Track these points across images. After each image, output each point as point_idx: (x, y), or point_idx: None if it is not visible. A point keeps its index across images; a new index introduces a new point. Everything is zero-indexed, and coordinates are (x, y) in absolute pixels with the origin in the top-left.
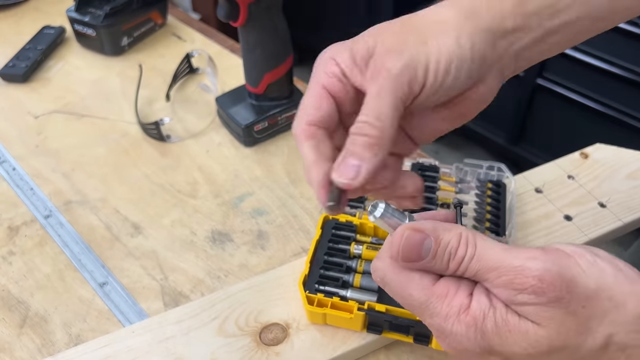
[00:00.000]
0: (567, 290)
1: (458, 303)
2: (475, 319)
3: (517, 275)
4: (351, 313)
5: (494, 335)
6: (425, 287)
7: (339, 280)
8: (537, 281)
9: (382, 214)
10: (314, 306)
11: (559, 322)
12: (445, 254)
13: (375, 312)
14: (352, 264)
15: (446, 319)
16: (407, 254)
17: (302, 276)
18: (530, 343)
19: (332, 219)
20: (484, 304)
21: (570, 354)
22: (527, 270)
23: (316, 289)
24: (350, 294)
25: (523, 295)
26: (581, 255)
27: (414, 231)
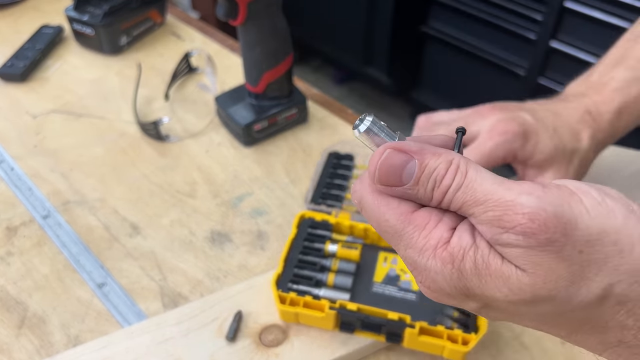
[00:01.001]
0: (563, 233)
1: (437, 236)
2: (453, 256)
3: (505, 211)
4: (322, 312)
5: (472, 276)
6: (402, 213)
7: (313, 279)
8: (527, 220)
9: (368, 129)
10: (286, 305)
11: (547, 268)
12: (429, 181)
13: (347, 310)
14: (327, 262)
15: (421, 252)
16: (386, 177)
17: (275, 275)
18: (511, 289)
19: (309, 218)
20: (466, 241)
21: (558, 305)
22: (518, 206)
23: (289, 287)
24: (324, 292)
25: (509, 235)
26: (586, 193)
27: (396, 151)
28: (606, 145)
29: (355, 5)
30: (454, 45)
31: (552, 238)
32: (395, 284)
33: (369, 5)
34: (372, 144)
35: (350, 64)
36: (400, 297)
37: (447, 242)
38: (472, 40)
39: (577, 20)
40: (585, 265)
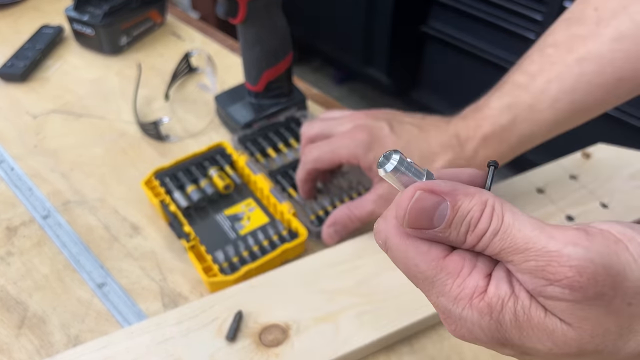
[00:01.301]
0: (612, 286)
1: (473, 284)
2: (492, 307)
3: (550, 261)
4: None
5: (512, 328)
6: (434, 259)
7: (179, 182)
8: (574, 273)
9: (395, 168)
10: (148, 189)
11: (595, 323)
12: (463, 225)
13: (167, 207)
14: (200, 179)
15: (456, 302)
16: (416, 220)
17: (160, 167)
18: (556, 343)
19: (224, 147)
20: (504, 291)
21: (605, 357)
22: (565, 257)
23: (161, 178)
24: (177, 195)
25: (554, 288)
26: (632, 240)
27: (427, 192)
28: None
29: (355, 5)
30: (454, 45)
31: (601, 292)
32: (234, 221)
33: (368, 5)
34: (398, 183)
35: (350, 64)
36: (226, 231)
37: (483, 292)
38: (472, 40)
39: None
40: (635, 317)
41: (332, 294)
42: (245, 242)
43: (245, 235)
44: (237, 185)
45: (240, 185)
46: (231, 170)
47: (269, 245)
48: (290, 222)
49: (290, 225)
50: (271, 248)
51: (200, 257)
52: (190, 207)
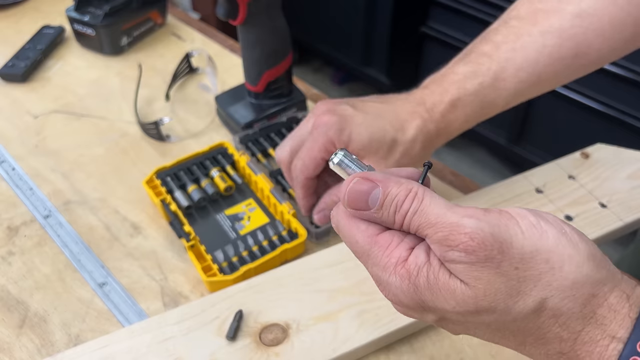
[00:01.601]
0: (499, 251)
1: (397, 255)
2: (409, 273)
3: (451, 231)
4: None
5: (425, 290)
6: (370, 235)
7: (181, 181)
8: (468, 239)
9: (340, 161)
10: (150, 187)
11: (486, 282)
12: (391, 206)
13: (168, 207)
14: (202, 179)
15: (384, 269)
16: (353, 202)
17: (161, 167)
18: (457, 302)
19: (226, 147)
20: (421, 259)
21: (499, 316)
22: (461, 227)
23: (163, 178)
24: (178, 194)
25: (454, 252)
26: (524, 217)
27: (363, 179)
28: (440, 139)
29: (354, 6)
30: (454, 46)
31: (490, 255)
32: (234, 221)
33: (368, 6)
34: (345, 174)
35: (349, 64)
36: (226, 231)
37: (405, 261)
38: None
39: None
40: (522, 280)
41: (332, 293)
42: (245, 242)
43: (245, 235)
44: (238, 185)
45: (241, 185)
46: (232, 171)
47: (268, 246)
48: (290, 223)
49: (290, 225)
50: (271, 248)
51: (200, 257)
52: (191, 206)
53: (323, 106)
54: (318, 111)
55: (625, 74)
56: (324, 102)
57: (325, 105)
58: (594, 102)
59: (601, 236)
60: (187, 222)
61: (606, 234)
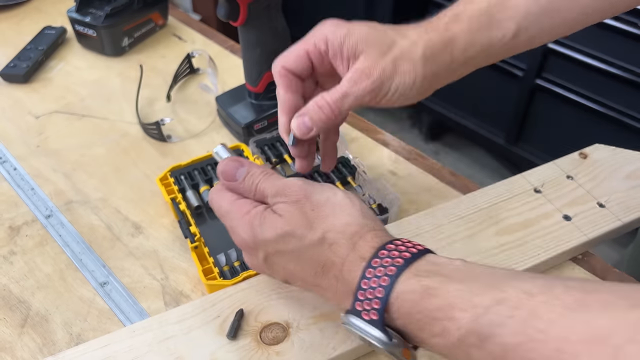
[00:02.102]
0: (305, 196)
1: (246, 209)
2: (250, 216)
3: (283, 187)
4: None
5: (257, 226)
6: (231, 201)
7: (189, 182)
8: (286, 188)
9: (217, 150)
10: (162, 185)
11: (292, 214)
12: (251, 178)
13: (178, 206)
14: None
15: (237, 219)
16: (224, 174)
17: (176, 165)
18: (274, 227)
19: (242, 149)
20: (259, 209)
21: (298, 240)
22: (289, 184)
23: (175, 176)
24: (189, 194)
25: (281, 197)
26: (332, 187)
27: (234, 160)
28: (444, 54)
29: (354, 6)
30: None
31: (297, 198)
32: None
33: (368, 6)
34: (220, 159)
35: None
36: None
37: (249, 212)
38: None
39: None
40: (314, 218)
41: None
42: None
43: None
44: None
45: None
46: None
47: None
48: None
49: None
50: None
51: (203, 259)
52: (201, 206)
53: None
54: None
55: (623, 74)
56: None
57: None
58: (592, 103)
59: (599, 236)
60: (194, 222)
61: (604, 234)
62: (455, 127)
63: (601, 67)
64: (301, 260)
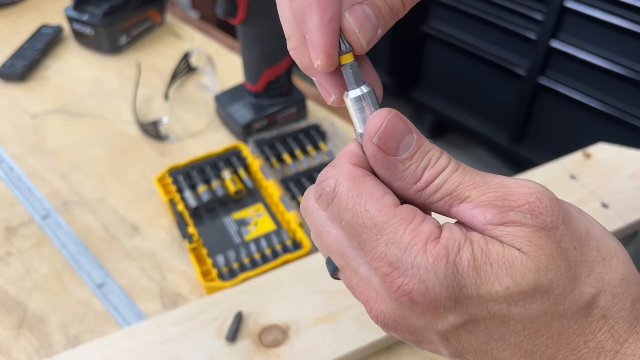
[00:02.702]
0: (564, 221)
1: (427, 230)
2: (448, 249)
3: (510, 192)
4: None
5: (470, 270)
6: (387, 205)
7: (192, 180)
8: (535, 199)
9: (365, 94)
10: (160, 185)
11: (549, 255)
12: (424, 159)
13: (176, 207)
14: (212, 177)
15: (408, 248)
16: (386, 140)
17: (179, 164)
18: (514, 277)
19: (240, 149)
20: (458, 235)
21: (553, 303)
22: (524, 187)
23: (174, 175)
24: (188, 194)
25: (517, 213)
26: (569, 204)
27: (400, 117)
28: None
29: None
30: (454, 45)
31: (556, 223)
32: (240, 226)
33: None
34: (360, 111)
35: None
36: (231, 235)
37: (438, 237)
38: (472, 40)
39: (578, 20)
40: (579, 263)
41: (332, 294)
42: (247, 249)
43: (249, 241)
44: (248, 189)
45: (252, 189)
46: (244, 174)
47: (271, 254)
48: (295, 232)
49: (295, 235)
50: (273, 257)
51: (201, 260)
52: (199, 207)
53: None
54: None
55: (627, 73)
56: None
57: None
58: (595, 102)
59: None
60: (192, 223)
61: None
62: (458, 126)
63: (605, 66)
64: (536, 337)
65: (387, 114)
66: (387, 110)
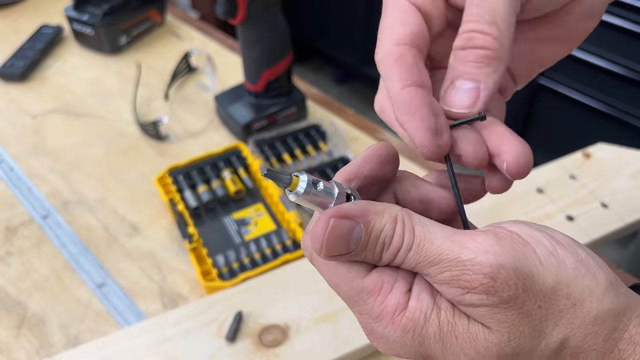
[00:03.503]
0: (523, 289)
1: (394, 302)
2: (414, 322)
3: (464, 270)
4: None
5: (436, 342)
6: (353, 279)
7: (192, 180)
8: (488, 279)
9: (306, 191)
10: (160, 186)
11: (511, 325)
12: (377, 245)
13: (176, 207)
14: (213, 177)
15: (378, 320)
16: (333, 248)
17: (178, 164)
18: (478, 351)
19: (241, 149)
20: (426, 304)
21: (523, 358)
22: (478, 265)
23: (174, 175)
24: (188, 193)
25: (472, 295)
26: (539, 243)
27: (341, 219)
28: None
29: (354, 5)
30: None
31: (515, 295)
32: (240, 226)
33: (368, 5)
34: (310, 204)
35: (350, 63)
36: (231, 235)
37: (405, 308)
38: None
39: None
40: (544, 319)
41: (332, 294)
42: (247, 249)
43: (249, 241)
44: (248, 189)
45: (252, 189)
46: (244, 174)
47: (271, 254)
48: (295, 232)
49: (295, 235)
50: (273, 257)
51: (201, 260)
52: (199, 207)
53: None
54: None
55: (627, 73)
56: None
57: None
58: (595, 102)
59: (602, 237)
60: (192, 223)
61: (607, 235)
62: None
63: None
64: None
65: (327, 223)
66: (327, 215)
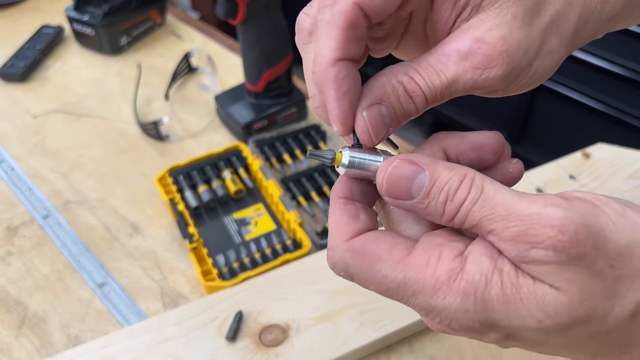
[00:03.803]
0: (594, 246)
1: (445, 269)
2: (475, 285)
3: (531, 224)
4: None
5: (499, 305)
6: (397, 261)
7: (193, 180)
8: (557, 232)
9: (350, 162)
10: (160, 186)
11: (582, 285)
12: (441, 194)
13: (177, 208)
14: (213, 177)
15: (434, 293)
16: (394, 189)
17: (176, 165)
18: (547, 313)
19: (241, 149)
20: (486, 266)
21: (593, 326)
22: (545, 218)
23: (174, 175)
24: (188, 194)
25: (538, 251)
26: (607, 204)
27: (405, 162)
28: (599, 19)
29: None
30: None
31: (584, 251)
32: (241, 225)
33: None
34: (361, 173)
35: None
36: (231, 235)
37: (460, 272)
38: None
39: None
40: (618, 280)
41: (332, 294)
42: (248, 248)
43: (249, 241)
44: (249, 188)
45: (252, 189)
46: (245, 173)
47: (271, 254)
48: (295, 232)
49: (295, 235)
50: (273, 257)
51: (201, 260)
52: (200, 207)
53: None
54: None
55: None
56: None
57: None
58: (595, 102)
59: None
60: (192, 223)
61: None
62: (457, 126)
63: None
64: (584, 345)
65: (390, 163)
66: (392, 158)
